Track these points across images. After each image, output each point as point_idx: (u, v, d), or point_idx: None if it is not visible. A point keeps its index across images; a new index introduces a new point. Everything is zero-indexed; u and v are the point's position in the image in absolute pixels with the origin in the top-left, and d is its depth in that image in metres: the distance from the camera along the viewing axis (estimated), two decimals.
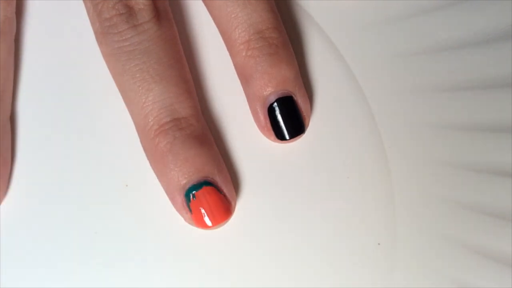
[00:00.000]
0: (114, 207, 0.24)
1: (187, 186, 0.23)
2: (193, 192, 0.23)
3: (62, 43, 0.25)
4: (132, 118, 0.24)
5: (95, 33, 0.23)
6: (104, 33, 0.23)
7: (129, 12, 0.23)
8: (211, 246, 0.24)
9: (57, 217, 0.24)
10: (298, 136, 0.24)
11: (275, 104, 0.24)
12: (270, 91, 0.23)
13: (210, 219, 0.23)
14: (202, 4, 0.25)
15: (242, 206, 0.25)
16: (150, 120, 0.23)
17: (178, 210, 0.23)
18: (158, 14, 0.23)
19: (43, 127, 0.25)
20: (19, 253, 0.24)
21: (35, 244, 0.24)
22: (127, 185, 0.24)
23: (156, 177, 0.24)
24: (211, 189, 0.23)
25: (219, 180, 0.23)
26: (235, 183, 0.25)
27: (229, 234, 0.24)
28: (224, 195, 0.23)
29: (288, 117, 0.24)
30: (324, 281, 0.24)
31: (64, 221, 0.24)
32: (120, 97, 0.24)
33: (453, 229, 0.24)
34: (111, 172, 0.24)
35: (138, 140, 0.24)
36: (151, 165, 0.24)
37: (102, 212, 0.24)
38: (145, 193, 0.24)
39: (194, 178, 0.23)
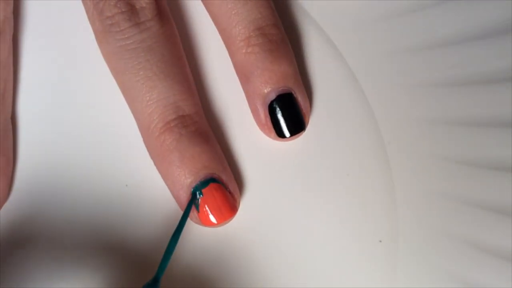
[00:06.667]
0: (114, 207, 0.24)
1: (194, 184, 0.23)
2: (200, 189, 0.23)
3: (62, 43, 0.25)
4: (135, 116, 0.24)
5: (95, 32, 0.23)
6: (105, 31, 0.23)
7: (131, 10, 0.23)
8: (212, 245, 0.24)
9: (57, 217, 0.24)
10: (298, 134, 0.24)
11: (276, 101, 0.24)
12: (270, 88, 0.24)
13: (217, 216, 0.23)
14: (198, 3, 0.25)
15: (242, 204, 0.24)
16: (155, 118, 0.23)
17: (184, 208, 0.23)
18: (159, 12, 0.23)
19: (42, 127, 0.25)
20: (19, 253, 0.24)
21: (35, 244, 0.24)
22: (127, 185, 0.24)
23: (156, 177, 0.24)
24: (218, 186, 0.23)
25: (224, 177, 0.23)
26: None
27: (230, 232, 0.24)
28: (230, 192, 0.23)
29: (288, 114, 0.24)
30: (325, 279, 0.24)
31: (64, 221, 0.24)
32: (120, 97, 0.24)
33: (455, 225, 0.25)
34: (111, 173, 0.24)
35: (139, 140, 0.24)
36: (155, 163, 0.24)
37: (102, 212, 0.24)
38: (145, 194, 0.24)
39: (201, 175, 0.23)
